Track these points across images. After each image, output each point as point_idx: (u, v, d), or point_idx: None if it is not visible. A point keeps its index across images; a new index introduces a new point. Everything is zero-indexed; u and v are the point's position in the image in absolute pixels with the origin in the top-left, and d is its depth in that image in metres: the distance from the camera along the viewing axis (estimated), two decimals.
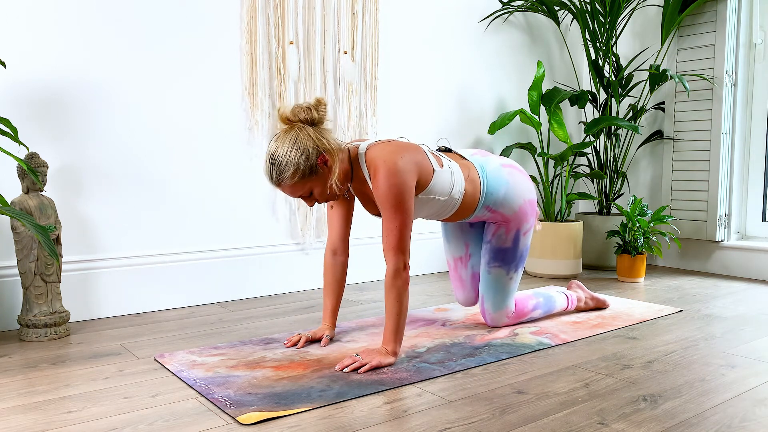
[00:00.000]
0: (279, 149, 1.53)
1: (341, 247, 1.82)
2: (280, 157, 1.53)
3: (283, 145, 1.53)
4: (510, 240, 1.89)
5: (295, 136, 1.53)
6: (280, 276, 2.50)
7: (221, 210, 2.35)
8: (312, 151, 1.53)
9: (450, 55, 2.98)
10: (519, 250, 1.91)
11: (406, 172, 1.59)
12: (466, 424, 1.24)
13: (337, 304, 1.84)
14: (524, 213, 1.88)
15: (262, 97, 2.39)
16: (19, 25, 1.92)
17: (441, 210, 1.79)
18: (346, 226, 1.81)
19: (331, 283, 1.83)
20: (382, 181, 1.56)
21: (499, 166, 1.88)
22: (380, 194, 1.57)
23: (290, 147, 1.52)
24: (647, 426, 1.23)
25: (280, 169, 1.53)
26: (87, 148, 2.06)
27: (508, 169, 1.88)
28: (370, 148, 1.64)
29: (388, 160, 1.58)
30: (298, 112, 1.56)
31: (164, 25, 2.17)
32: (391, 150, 1.61)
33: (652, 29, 3.25)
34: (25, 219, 1.53)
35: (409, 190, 1.59)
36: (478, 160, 1.89)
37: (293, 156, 1.52)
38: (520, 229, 1.89)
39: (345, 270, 1.83)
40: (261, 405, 1.32)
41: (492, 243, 1.90)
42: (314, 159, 1.54)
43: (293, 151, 1.52)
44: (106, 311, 2.12)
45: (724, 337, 1.87)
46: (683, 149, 3.06)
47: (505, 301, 1.93)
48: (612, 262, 3.09)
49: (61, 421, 1.25)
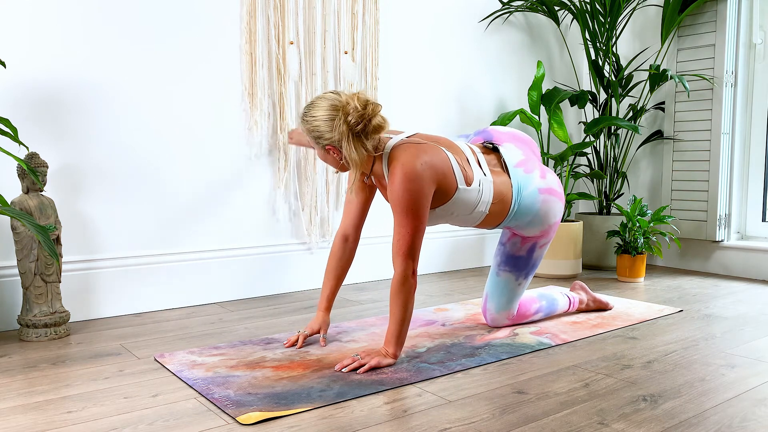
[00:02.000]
0: (322, 105, 1.55)
1: (353, 235, 1.80)
2: (312, 111, 1.57)
3: (318, 108, 1.56)
4: (525, 250, 1.87)
5: (331, 115, 1.54)
6: (280, 276, 2.50)
7: (221, 210, 2.35)
8: (327, 139, 1.56)
9: (450, 55, 2.98)
10: (532, 260, 1.89)
11: (423, 179, 1.55)
12: (466, 424, 1.24)
13: (336, 290, 1.82)
14: (545, 233, 1.85)
15: (261, 97, 2.39)
16: (19, 26, 1.92)
17: (458, 223, 1.77)
18: (362, 214, 1.79)
19: (335, 268, 1.81)
20: (398, 184, 1.53)
21: (536, 191, 1.78)
22: (394, 197, 1.55)
23: (322, 118, 1.55)
24: (647, 426, 1.23)
25: (305, 115, 1.59)
26: (87, 148, 2.06)
27: (544, 197, 1.79)
28: (396, 148, 1.60)
29: (407, 163, 1.54)
30: (355, 108, 1.52)
31: (164, 25, 2.17)
32: (414, 153, 1.57)
33: (652, 29, 3.25)
34: (25, 219, 1.53)
35: (424, 197, 1.55)
36: (519, 177, 1.79)
37: (315, 124, 1.56)
38: (537, 243, 1.87)
39: (352, 258, 1.82)
40: (261, 405, 1.32)
41: (506, 247, 1.89)
42: (325, 142, 1.57)
43: (318, 123, 1.56)
44: (106, 311, 2.12)
45: (724, 337, 1.87)
46: (683, 149, 3.06)
47: (510, 305, 1.93)
48: (612, 262, 3.09)
49: (61, 421, 1.25)
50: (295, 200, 2.52)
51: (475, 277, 2.89)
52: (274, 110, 2.43)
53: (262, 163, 2.43)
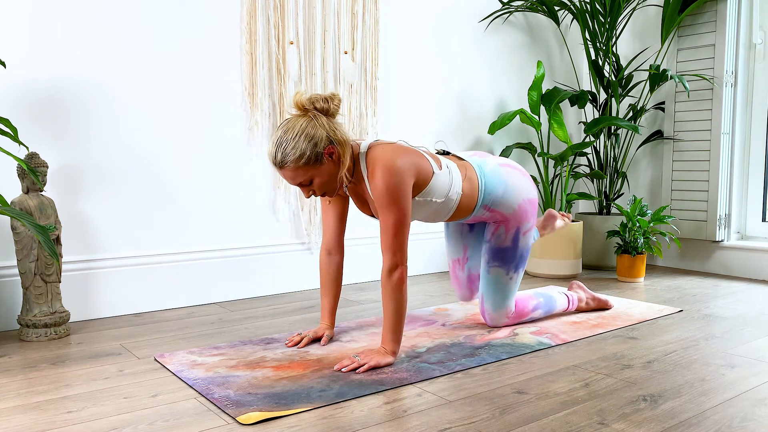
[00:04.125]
0: (289, 132, 1.52)
1: (336, 247, 1.82)
2: (289, 139, 1.52)
3: (294, 128, 1.53)
4: (509, 239, 1.89)
5: (307, 122, 1.53)
6: (280, 276, 2.50)
7: (221, 210, 2.35)
8: (321, 140, 1.53)
9: (450, 55, 2.98)
10: (519, 250, 1.90)
11: (404, 172, 1.59)
12: (466, 424, 1.24)
13: (335, 304, 1.84)
14: (524, 212, 1.88)
15: (262, 97, 2.39)
16: (19, 26, 1.92)
17: (438, 212, 1.78)
18: (340, 225, 1.82)
19: (327, 282, 1.83)
20: (380, 179, 1.56)
21: (496, 166, 1.88)
22: (377, 193, 1.57)
23: (300, 132, 1.52)
24: (647, 426, 1.23)
25: (286, 152, 1.51)
26: (87, 148, 2.06)
27: (506, 169, 1.88)
28: (372, 148, 1.64)
29: (387, 159, 1.58)
30: (315, 100, 1.55)
31: (164, 25, 2.17)
32: (391, 150, 1.62)
33: (652, 29, 3.25)
34: (25, 219, 1.53)
35: (406, 190, 1.59)
36: (476, 160, 1.89)
37: (302, 141, 1.51)
38: (519, 228, 1.88)
39: (341, 269, 1.83)
40: (261, 405, 1.32)
41: (491, 242, 1.90)
42: (321, 148, 1.53)
43: (303, 135, 1.52)
44: (106, 311, 2.12)
45: (724, 337, 1.87)
46: (683, 149, 3.06)
47: (505, 301, 1.93)
48: (612, 262, 3.09)
49: (61, 421, 1.25)
50: (295, 200, 2.52)
51: None
52: (274, 110, 2.43)
53: (262, 163, 2.43)
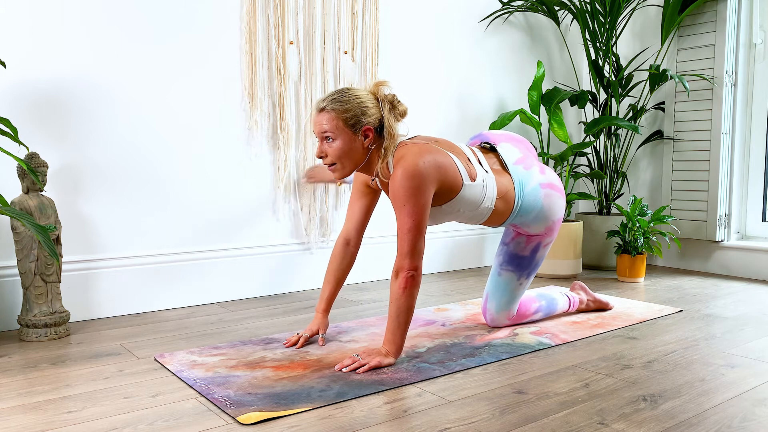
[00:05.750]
0: (352, 92, 1.60)
1: (355, 239, 1.81)
2: (348, 95, 1.59)
3: (359, 94, 1.60)
4: (529, 249, 1.88)
5: (371, 98, 1.60)
6: (280, 276, 2.50)
7: (221, 210, 2.35)
8: (370, 116, 1.58)
9: (450, 55, 2.98)
10: (536, 260, 1.90)
11: (424, 177, 1.55)
12: (466, 424, 1.24)
13: (336, 292, 1.83)
14: (550, 230, 1.86)
15: (261, 97, 2.39)
16: (19, 25, 1.92)
17: (464, 220, 1.78)
18: (364, 218, 1.81)
19: (335, 270, 1.81)
20: (398, 181, 1.54)
21: (537, 187, 1.81)
22: (394, 193, 1.55)
23: (361, 98, 1.59)
24: (647, 426, 1.23)
25: (336, 100, 1.58)
26: (87, 148, 2.06)
27: (546, 191, 1.82)
28: (402, 145, 1.62)
29: (409, 161, 1.55)
30: (389, 94, 1.63)
31: (164, 25, 2.17)
32: (417, 152, 1.58)
33: (652, 29, 3.25)
34: (25, 219, 1.53)
35: (424, 195, 1.55)
36: (519, 173, 1.81)
37: (355, 103, 1.58)
38: (541, 242, 1.88)
39: (353, 262, 1.83)
40: (261, 405, 1.32)
41: (509, 247, 1.89)
42: (365, 122, 1.58)
43: (360, 101, 1.58)
44: (106, 311, 2.12)
45: (724, 337, 1.87)
46: (683, 149, 3.06)
47: (510, 305, 1.93)
48: (612, 262, 3.09)
49: (61, 421, 1.25)
50: (295, 200, 2.52)
51: (475, 277, 2.89)
52: (274, 110, 2.43)
53: (262, 163, 2.43)
